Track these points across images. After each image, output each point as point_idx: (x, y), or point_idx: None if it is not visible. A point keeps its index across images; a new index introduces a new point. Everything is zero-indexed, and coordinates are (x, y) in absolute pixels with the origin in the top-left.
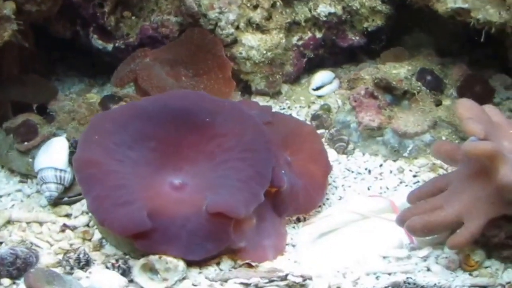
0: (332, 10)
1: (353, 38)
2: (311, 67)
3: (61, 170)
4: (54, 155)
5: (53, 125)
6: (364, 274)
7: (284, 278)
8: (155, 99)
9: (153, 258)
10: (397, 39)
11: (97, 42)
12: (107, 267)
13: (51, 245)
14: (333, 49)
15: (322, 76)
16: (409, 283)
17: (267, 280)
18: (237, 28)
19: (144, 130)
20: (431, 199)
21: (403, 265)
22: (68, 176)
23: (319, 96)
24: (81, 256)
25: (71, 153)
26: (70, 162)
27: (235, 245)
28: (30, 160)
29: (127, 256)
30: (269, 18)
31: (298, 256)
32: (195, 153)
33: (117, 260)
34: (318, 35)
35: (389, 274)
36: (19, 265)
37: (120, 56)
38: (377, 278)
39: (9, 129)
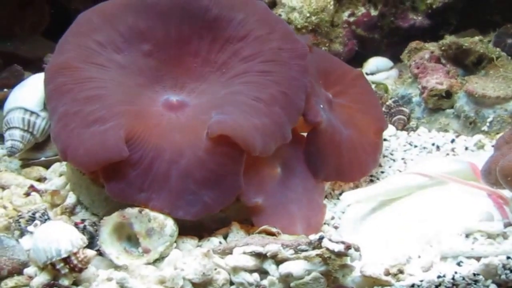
0: None
1: (414, 17)
2: (364, 53)
3: (31, 112)
4: (25, 92)
5: None
6: (439, 259)
7: (317, 245)
8: None
9: (131, 211)
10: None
11: None
12: None
13: (7, 214)
14: (390, 31)
15: (377, 61)
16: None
17: (291, 251)
18: None
19: (138, 26)
20: None
21: (497, 244)
22: (40, 123)
23: (373, 83)
24: (36, 215)
25: None
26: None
27: (249, 200)
28: None
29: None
30: None
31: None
32: (203, 64)
33: (82, 220)
34: (374, 12)
35: (477, 258)
36: None
37: None
38: (459, 264)
39: None
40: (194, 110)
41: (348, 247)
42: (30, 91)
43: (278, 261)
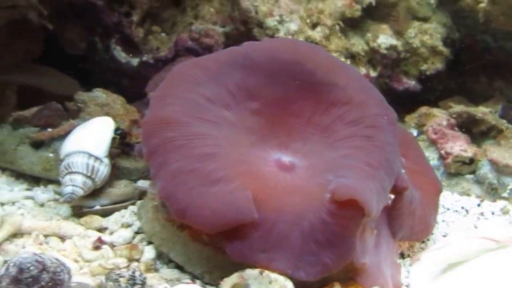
0: (394, 42)
1: (408, 81)
2: None
3: (96, 158)
4: (89, 136)
5: (82, 117)
6: None
7: None
8: (261, 46)
9: (251, 273)
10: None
11: (120, 55)
12: None
13: (81, 268)
14: (382, 92)
15: None
16: None
17: None
18: None
19: (246, 83)
20: None
21: None
22: (103, 170)
23: None
24: (136, 274)
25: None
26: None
27: (358, 261)
28: (51, 155)
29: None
30: (328, 39)
31: None
32: (305, 124)
33: (193, 279)
34: (373, 73)
35: None
36: (44, 283)
37: (146, 73)
38: None
39: (21, 119)
40: (306, 171)
41: None
42: (95, 136)
43: None
